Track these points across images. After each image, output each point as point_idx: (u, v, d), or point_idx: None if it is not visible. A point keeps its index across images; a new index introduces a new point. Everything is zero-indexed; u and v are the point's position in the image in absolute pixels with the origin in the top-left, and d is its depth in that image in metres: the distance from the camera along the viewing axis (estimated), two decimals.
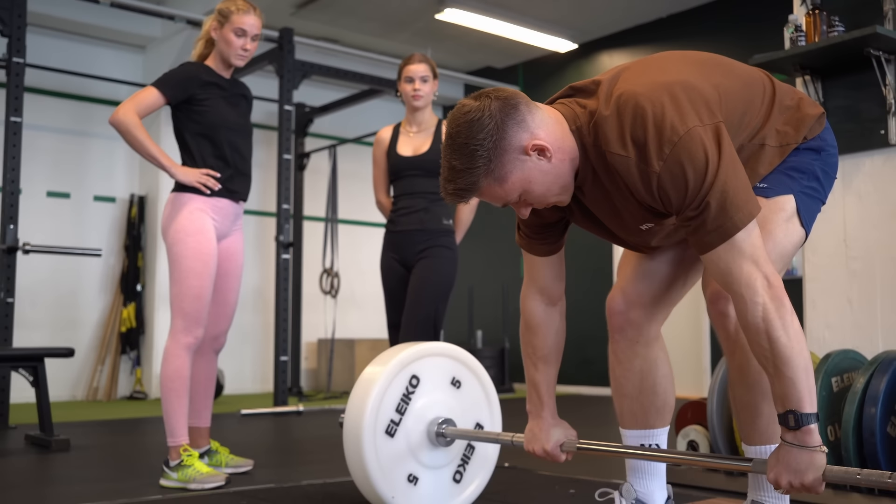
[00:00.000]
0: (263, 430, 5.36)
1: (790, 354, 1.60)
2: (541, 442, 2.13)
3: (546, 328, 2.09)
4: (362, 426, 2.39)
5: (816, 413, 1.61)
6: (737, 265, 1.64)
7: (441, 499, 2.54)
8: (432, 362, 2.56)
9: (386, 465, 2.41)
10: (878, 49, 3.37)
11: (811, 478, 1.59)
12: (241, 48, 3.39)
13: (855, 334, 3.42)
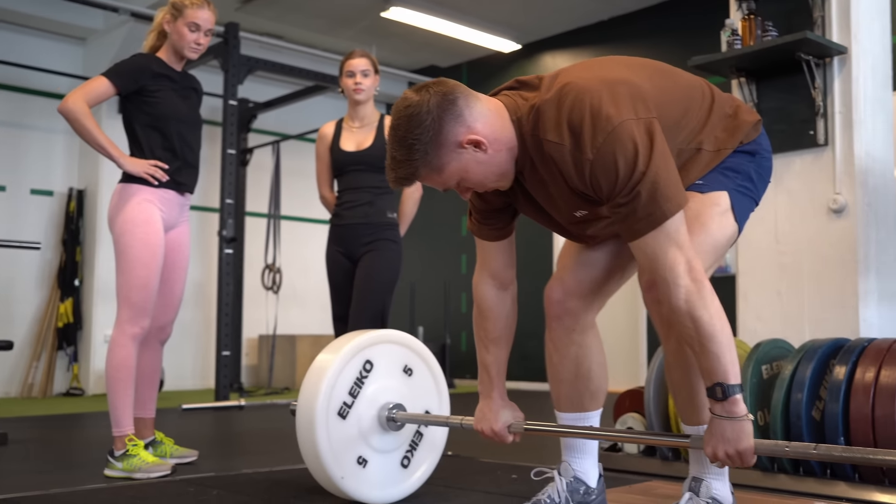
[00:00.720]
0: (206, 423, 5.35)
1: (712, 331, 1.71)
2: (489, 422, 2.20)
3: (497, 312, 2.16)
4: (316, 406, 2.43)
5: (741, 384, 1.73)
6: (662, 251, 1.74)
7: (388, 482, 2.59)
8: (386, 349, 2.61)
9: (336, 446, 2.46)
10: (809, 53, 3.52)
11: (744, 445, 1.71)
12: (194, 42, 3.40)
13: (784, 325, 3.56)
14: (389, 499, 2.59)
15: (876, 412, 2.68)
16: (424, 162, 1.77)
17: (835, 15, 3.59)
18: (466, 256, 9.23)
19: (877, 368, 2.75)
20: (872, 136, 3.54)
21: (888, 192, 3.57)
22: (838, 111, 3.54)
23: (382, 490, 2.57)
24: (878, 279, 3.46)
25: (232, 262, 6.78)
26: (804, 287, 3.54)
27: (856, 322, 3.36)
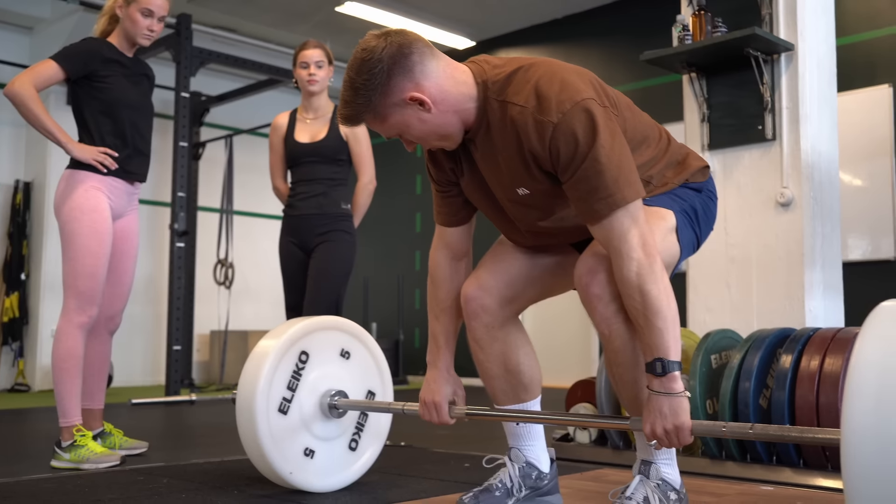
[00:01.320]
0: (156, 417, 5.28)
1: (660, 306, 1.74)
2: (432, 392, 2.19)
3: (450, 281, 2.16)
4: (255, 407, 2.40)
5: (680, 362, 1.76)
6: (619, 224, 1.76)
7: (338, 468, 2.59)
8: (320, 336, 2.59)
9: (281, 443, 2.44)
10: (757, 50, 3.58)
11: (681, 420, 1.74)
12: (146, 28, 3.36)
13: (733, 316, 3.62)
14: (340, 484, 2.59)
15: (820, 399, 2.74)
16: (368, 108, 1.81)
17: (782, 13, 3.65)
18: (420, 253, 9.24)
19: (821, 357, 2.81)
20: (818, 131, 3.61)
21: (833, 187, 3.65)
22: (785, 107, 3.61)
23: (332, 477, 2.57)
24: (823, 271, 3.53)
25: (184, 256, 6.71)
26: (752, 279, 3.60)
27: (801, 313, 3.43)
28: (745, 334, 3.47)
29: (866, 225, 6.18)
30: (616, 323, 1.87)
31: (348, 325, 2.69)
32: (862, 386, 1.35)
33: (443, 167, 2.06)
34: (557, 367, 7.24)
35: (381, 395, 2.75)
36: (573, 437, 3.40)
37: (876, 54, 6.37)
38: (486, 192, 2.02)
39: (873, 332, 1.41)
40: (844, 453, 1.34)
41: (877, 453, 1.30)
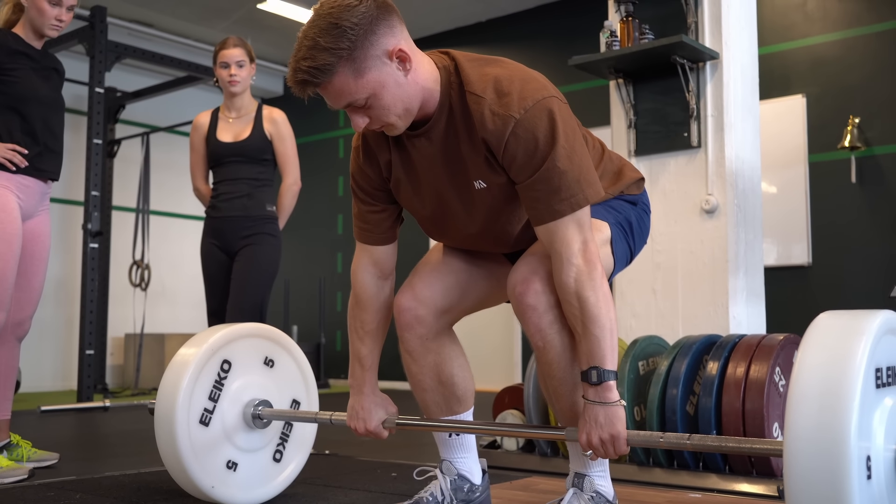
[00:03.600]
0: (67, 425, 5.08)
1: (597, 314, 1.72)
2: (363, 421, 2.12)
3: (376, 302, 2.09)
4: (174, 419, 2.29)
5: (616, 371, 1.74)
6: (564, 228, 1.74)
7: (262, 481, 2.50)
8: (243, 344, 2.49)
9: (202, 456, 2.34)
10: (684, 57, 3.61)
11: (617, 429, 1.72)
12: (55, 18, 3.20)
13: (659, 322, 3.65)
14: (264, 497, 2.50)
15: (746, 406, 2.76)
16: (349, 57, 1.65)
17: (707, 22, 3.70)
18: (342, 255, 9.14)
19: (747, 364, 2.84)
20: (742, 139, 3.66)
21: (755, 195, 3.70)
22: (710, 114, 3.65)
23: (256, 490, 2.48)
24: (747, 278, 3.58)
25: (97, 257, 6.48)
26: (678, 285, 3.63)
27: (726, 319, 3.47)
28: (672, 340, 3.49)
29: (781, 231, 6.33)
30: (550, 334, 1.83)
31: (272, 332, 2.60)
32: (804, 395, 1.37)
33: (376, 163, 1.95)
34: (481, 370, 7.23)
35: (306, 403, 2.67)
36: (500, 445, 3.37)
37: (791, 65, 6.54)
38: (423, 193, 1.94)
39: (814, 343, 1.43)
40: (787, 461, 1.35)
41: (818, 460, 1.32)
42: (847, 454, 1.31)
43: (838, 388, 1.35)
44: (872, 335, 1.41)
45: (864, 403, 1.36)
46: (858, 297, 6.03)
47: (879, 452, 1.42)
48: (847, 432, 1.32)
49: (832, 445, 1.32)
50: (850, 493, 1.30)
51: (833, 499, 1.31)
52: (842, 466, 1.31)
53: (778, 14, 6.62)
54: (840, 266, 6.14)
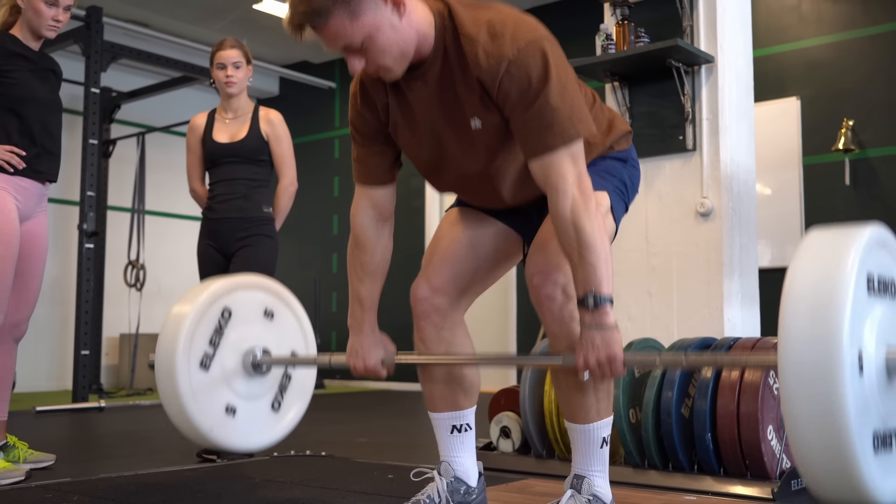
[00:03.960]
0: (63, 426, 5.09)
1: (593, 242, 1.77)
2: (362, 358, 2.16)
3: (375, 244, 2.15)
4: (175, 360, 2.32)
5: (611, 297, 1.80)
6: (559, 163, 1.80)
7: (260, 427, 2.51)
8: (243, 295, 2.53)
9: (202, 399, 2.36)
10: (679, 61, 3.63)
11: (613, 351, 1.76)
12: (52, 19, 3.21)
13: (654, 324, 3.67)
14: (263, 443, 2.52)
15: (741, 409, 2.78)
16: (344, 0, 1.71)
17: (702, 25, 3.72)
18: (338, 255, 9.14)
19: (741, 367, 2.86)
20: (737, 142, 3.68)
21: (750, 198, 3.72)
22: (705, 118, 3.67)
23: (255, 436, 2.50)
24: (741, 281, 3.60)
25: (93, 257, 6.48)
26: (673, 288, 3.65)
27: (720, 322, 3.49)
28: (667, 343, 3.51)
29: (775, 233, 6.35)
30: (569, 323, 1.92)
31: (272, 285, 2.64)
32: (798, 297, 1.44)
33: (374, 107, 2.01)
34: None
35: (305, 353, 2.68)
36: (496, 446, 3.38)
37: (785, 68, 6.56)
38: (421, 136, 1.99)
39: (807, 251, 1.50)
40: (782, 357, 1.42)
41: (811, 355, 1.38)
42: (840, 349, 1.35)
43: (832, 287, 1.40)
44: (864, 243, 1.46)
45: (856, 305, 1.40)
46: None
47: (871, 356, 1.45)
48: (841, 326, 1.37)
49: (825, 340, 1.36)
50: (843, 385, 1.34)
51: (826, 393, 1.35)
52: (834, 360, 1.35)
53: (772, 16, 6.64)
54: None
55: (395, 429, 5.04)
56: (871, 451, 1.40)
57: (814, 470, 1.41)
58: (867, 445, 1.40)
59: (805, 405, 1.38)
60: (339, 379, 8.90)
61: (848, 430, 1.35)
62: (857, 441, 1.37)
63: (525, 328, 7.67)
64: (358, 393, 8.04)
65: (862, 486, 1.39)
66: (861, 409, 1.39)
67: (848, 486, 1.39)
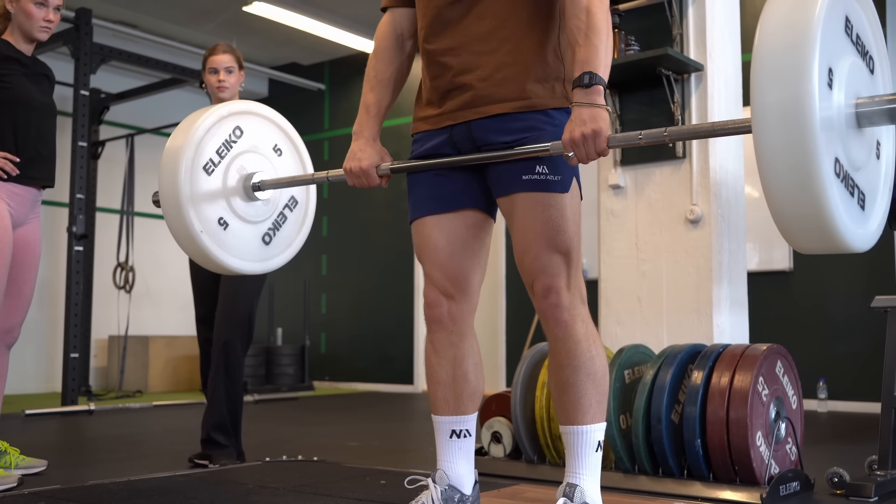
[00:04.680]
0: (53, 430, 5.08)
1: (601, 27, 1.88)
2: (358, 160, 2.21)
3: (392, 54, 2.23)
4: (181, 157, 2.39)
5: (605, 82, 1.87)
6: None
7: (247, 253, 2.56)
8: (258, 122, 2.61)
9: (199, 200, 2.42)
10: (669, 69, 3.66)
11: (600, 125, 1.82)
12: (43, 19, 3.21)
13: (644, 330, 3.69)
14: (244, 269, 2.56)
15: (730, 415, 2.81)
16: None
17: (692, 33, 3.74)
18: (327, 257, 9.15)
19: (731, 373, 2.89)
20: (726, 150, 3.71)
21: (739, 205, 3.75)
22: None
23: (240, 259, 2.54)
24: (730, 287, 3.63)
25: (82, 260, 6.47)
26: (663, 294, 3.68)
27: (710, 328, 3.52)
28: (656, 348, 3.54)
29: (763, 236, 6.39)
30: (572, 325, 2.01)
31: (286, 124, 2.71)
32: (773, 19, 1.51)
33: None
34: None
35: (304, 203, 2.75)
36: (487, 451, 3.41)
37: None
38: None
39: None
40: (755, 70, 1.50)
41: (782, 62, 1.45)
42: (811, 55, 1.43)
43: (809, 7, 1.47)
44: None
45: (830, 31, 1.48)
46: (839, 302, 6.11)
47: (842, 80, 1.52)
48: (815, 38, 1.44)
49: (799, 48, 1.44)
50: (811, 90, 1.41)
51: (794, 97, 1.42)
52: (807, 64, 1.43)
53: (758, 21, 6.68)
54: (821, 271, 6.22)
55: (385, 432, 5.06)
56: (831, 170, 1.46)
57: (777, 169, 1.47)
58: (829, 164, 1.45)
59: (774, 104, 1.45)
60: (328, 380, 8.91)
61: (813, 132, 1.41)
62: (821, 150, 1.42)
63: (515, 330, 7.70)
64: (346, 395, 8.05)
65: (820, 200, 1.45)
66: (826, 125, 1.44)
67: (807, 193, 1.45)
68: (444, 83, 2.11)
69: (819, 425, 5.22)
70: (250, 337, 3.61)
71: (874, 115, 1.55)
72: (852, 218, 1.53)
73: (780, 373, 3.02)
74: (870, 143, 1.59)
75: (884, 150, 1.63)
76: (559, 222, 2.02)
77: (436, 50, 2.12)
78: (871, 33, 1.64)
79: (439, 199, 2.17)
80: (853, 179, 1.54)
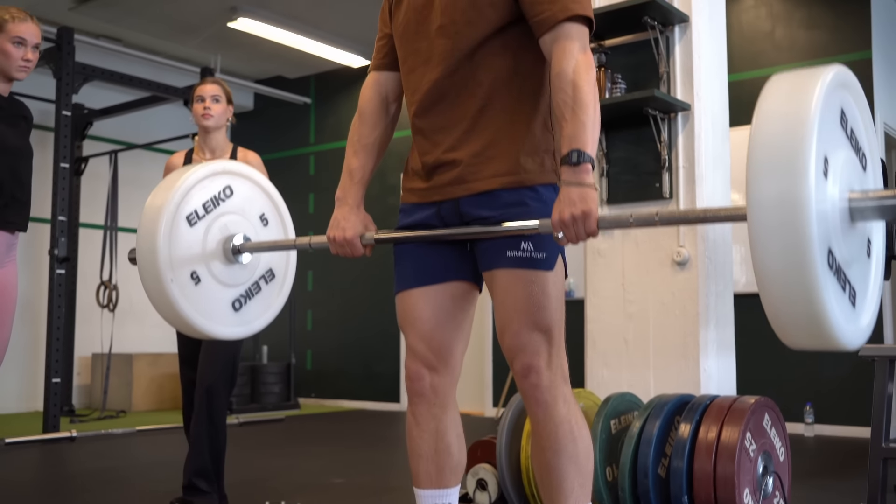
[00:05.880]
0: (33, 461, 5.02)
1: (588, 102, 1.84)
2: (342, 230, 2.17)
3: (376, 118, 2.21)
4: (167, 202, 2.33)
5: (594, 159, 1.83)
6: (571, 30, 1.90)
7: (214, 315, 2.45)
8: (249, 188, 2.56)
9: (176, 249, 2.35)
10: (656, 109, 3.63)
11: (589, 206, 1.78)
12: (21, 59, 3.15)
13: (630, 372, 3.67)
14: (207, 331, 2.45)
15: (717, 471, 2.79)
16: None
17: (679, 72, 3.71)
18: (313, 273, 9.10)
19: (718, 427, 2.87)
20: (713, 190, 3.69)
21: (726, 246, 3.73)
22: (682, 166, 3.67)
23: (205, 318, 2.42)
24: (717, 329, 3.61)
25: (64, 283, 6.39)
26: (649, 336, 3.65)
27: (696, 371, 3.50)
28: (643, 391, 3.52)
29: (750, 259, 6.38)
30: (553, 406, 1.96)
31: (275, 194, 2.66)
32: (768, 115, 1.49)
33: None
34: None
35: (282, 276, 2.65)
36: (472, 498, 3.37)
37: (759, 93, 6.57)
38: (413, 18, 2.07)
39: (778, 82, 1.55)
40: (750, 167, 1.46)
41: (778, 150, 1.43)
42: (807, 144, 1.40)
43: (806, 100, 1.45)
44: (837, 78, 1.52)
45: (826, 123, 1.45)
46: None
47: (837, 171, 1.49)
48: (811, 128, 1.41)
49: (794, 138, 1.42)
50: (807, 177, 1.38)
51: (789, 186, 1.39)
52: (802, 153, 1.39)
53: (746, 41, 6.67)
54: None
55: (370, 463, 5.02)
56: (825, 262, 1.43)
57: (770, 257, 1.45)
58: (822, 255, 1.42)
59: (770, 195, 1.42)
60: (314, 398, 8.86)
61: (808, 223, 1.38)
62: (815, 241, 1.39)
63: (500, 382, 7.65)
64: (332, 414, 8.01)
65: (813, 290, 1.42)
66: (821, 217, 1.41)
67: (799, 284, 1.42)
68: (432, 159, 2.08)
69: (806, 453, 5.21)
70: (234, 379, 3.55)
71: (867, 211, 1.52)
72: (844, 313, 1.50)
73: (768, 426, 2.99)
74: (861, 239, 1.56)
75: (874, 249, 1.61)
76: (541, 299, 1.98)
77: (426, 127, 2.09)
78: (864, 130, 1.61)
79: (426, 271, 2.14)
80: (845, 273, 1.52)
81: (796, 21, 6.53)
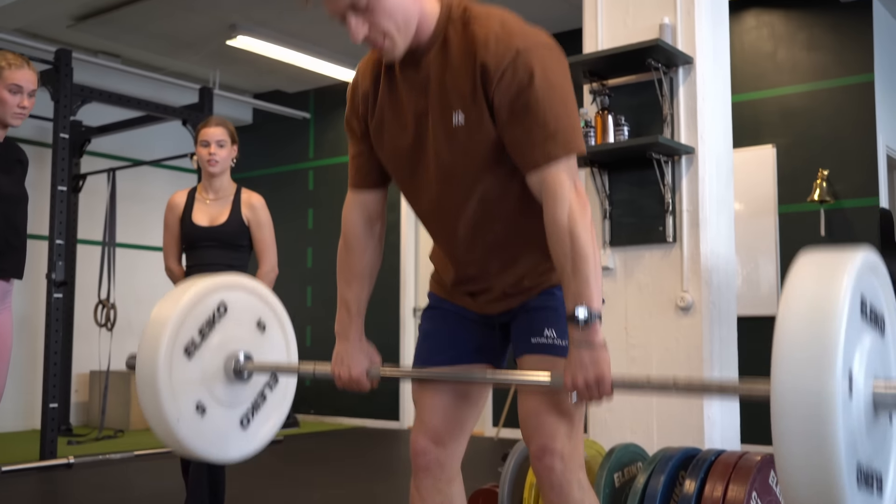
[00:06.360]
0: (29, 491, 4.98)
1: (588, 253, 1.78)
2: (347, 367, 2.12)
3: (364, 245, 2.12)
4: (163, 335, 2.23)
5: (600, 313, 1.79)
6: (557, 170, 1.80)
7: (225, 440, 2.40)
8: (243, 297, 2.45)
9: (178, 385, 2.26)
10: (659, 153, 3.60)
11: (602, 371, 1.75)
12: (17, 106, 3.13)
13: (633, 418, 3.64)
14: (222, 457, 2.41)
15: None
16: None
17: (683, 114, 3.68)
18: (312, 288, 9.07)
19: (724, 485, 2.85)
20: (717, 235, 3.66)
21: (730, 290, 3.71)
22: (686, 209, 3.64)
23: (216, 448, 2.37)
24: (722, 375, 3.59)
25: (61, 307, 6.36)
26: None
27: (700, 418, 3.48)
28: (646, 438, 3.50)
29: (751, 281, 6.37)
30: (568, 491, 1.93)
31: (269, 296, 2.56)
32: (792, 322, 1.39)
33: (366, 101, 2.01)
34: None
35: (284, 382, 2.58)
36: None
37: (760, 115, 6.57)
38: (403, 124, 1.96)
39: (801, 276, 1.44)
40: (774, 387, 1.38)
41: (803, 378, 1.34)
42: (833, 368, 1.32)
43: (829, 306, 1.37)
44: (860, 265, 1.44)
45: (851, 327, 1.37)
46: None
47: (860, 384, 1.42)
48: (836, 346, 1.33)
49: (819, 361, 1.33)
50: (835, 406, 1.31)
51: (816, 414, 1.32)
52: (827, 381, 1.32)
53: (748, 63, 6.65)
54: None
55: (367, 496, 4.99)
56: (854, 482, 1.38)
57: (796, 485, 1.37)
58: (852, 474, 1.37)
59: (795, 425, 1.35)
60: (314, 414, 8.84)
61: (837, 452, 1.32)
62: (845, 466, 1.33)
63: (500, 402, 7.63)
64: (331, 433, 7.98)
65: None
66: (849, 436, 1.36)
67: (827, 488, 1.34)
68: (463, 286, 2.10)
69: None
70: None
71: (889, 397, 1.46)
72: None
73: (774, 483, 2.97)
74: (885, 419, 1.50)
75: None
76: None
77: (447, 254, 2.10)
78: (885, 301, 1.55)
79: (453, 351, 2.13)
80: (870, 468, 1.46)
81: (798, 43, 6.51)
